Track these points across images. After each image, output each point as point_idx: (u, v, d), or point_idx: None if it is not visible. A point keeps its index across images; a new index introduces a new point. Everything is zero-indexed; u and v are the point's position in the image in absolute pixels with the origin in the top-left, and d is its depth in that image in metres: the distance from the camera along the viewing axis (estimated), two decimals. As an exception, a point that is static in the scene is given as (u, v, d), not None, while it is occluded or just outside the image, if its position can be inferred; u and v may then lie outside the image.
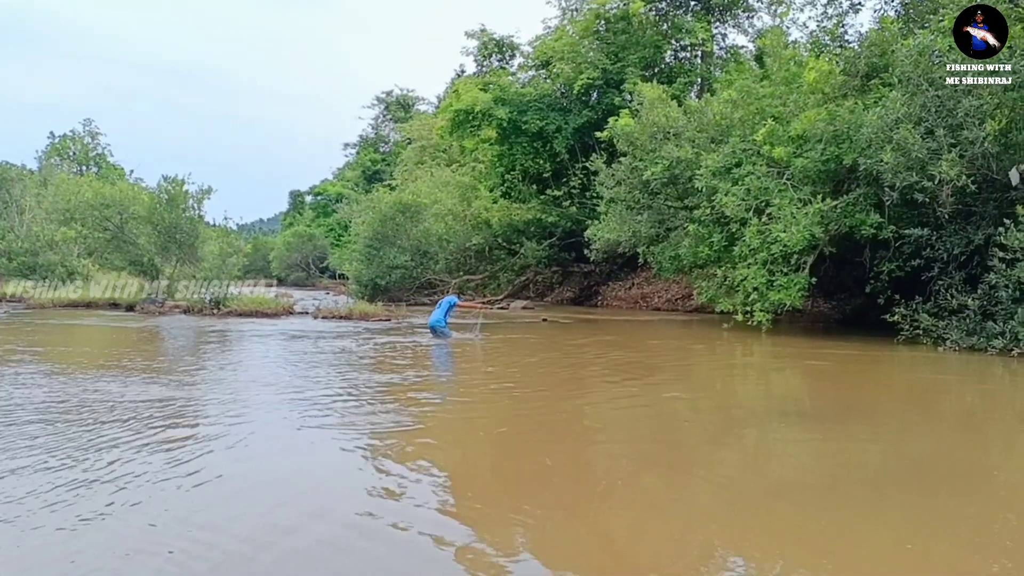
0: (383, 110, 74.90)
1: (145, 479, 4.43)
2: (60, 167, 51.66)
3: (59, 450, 5.02)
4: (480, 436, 6.36)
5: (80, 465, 4.68)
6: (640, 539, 3.79)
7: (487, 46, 35.99)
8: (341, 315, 19.56)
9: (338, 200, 64.16)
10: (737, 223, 16.50)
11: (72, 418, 6.08)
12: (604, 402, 8.28)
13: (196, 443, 5.36)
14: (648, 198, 20.70)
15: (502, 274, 33.63)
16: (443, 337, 13.90)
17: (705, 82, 31.62)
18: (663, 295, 29.35)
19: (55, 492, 4.14)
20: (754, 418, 7.44)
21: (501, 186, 34.50)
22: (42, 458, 4.81)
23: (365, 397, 7.74)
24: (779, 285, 15.44)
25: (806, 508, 4.33)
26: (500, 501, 4.41)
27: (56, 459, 4.80)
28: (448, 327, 14.14)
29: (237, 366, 10.45)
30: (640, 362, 12.05)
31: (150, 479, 4.44)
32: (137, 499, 4.09)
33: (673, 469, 5.31)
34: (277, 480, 4.68)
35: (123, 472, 4.55)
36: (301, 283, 60.02)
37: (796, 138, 16.15)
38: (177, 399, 7.08)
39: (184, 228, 22.16)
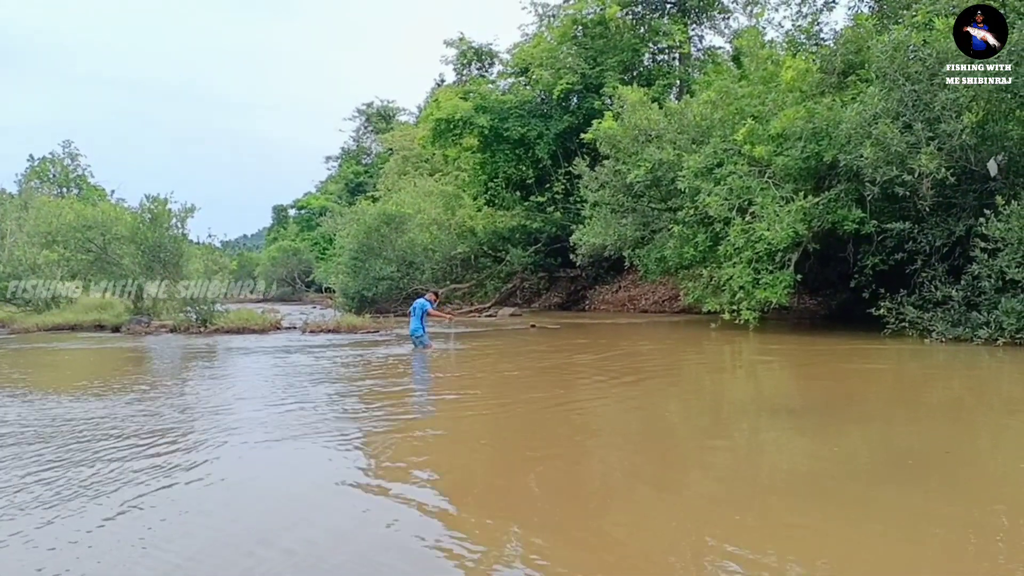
0: (364, 122, 74.73)
1: (134, 493, 4.39)
2: (40, 190, 51.29)
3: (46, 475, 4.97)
4: (471, 443, 6.35)
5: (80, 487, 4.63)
6: (635, 539, 3.79)
7: (466, 54, 36.06)
8: (329, 328, 19.46)
9: (322, 213, 63.92)
10: (721, 223, 16.58)
11: (56, 441, 6.02)
12: (595, 405, 8.29)
13: (179, 463, 5.32)
14: (632, 201, 20.77)
15: (489, 282, 33.65)
16: (421, 346, 13.76)
17: (684, 84, 31.82)
18: (650, 297, 29.47)
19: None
20: (744, 416, 7.48)
21: (485, 194, 34.54)
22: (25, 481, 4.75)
23: (354, 409, 7.71)
24: (765, 283, 15.53)
25: (798, 504, 4.35)
26: (494, 507, 4.39)
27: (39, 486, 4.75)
28: (426, 335, 14.01)
29: (225, 382, 10.37)
30: (629, 364, 12.06)
31: (139, 493, 4.39)
32: (134, 511, 4.05)
33: (666, 468, 5.33)
34: (271, 493, 4.65)
35: (110, 490, 4.50)
36: (288, 298, 59.70)
37: (776, 137, 16.27)
38: (165, 418, 7.01)
39: (168, 247, 21.96)
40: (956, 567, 3.34)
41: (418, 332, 13.77)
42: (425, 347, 13.69)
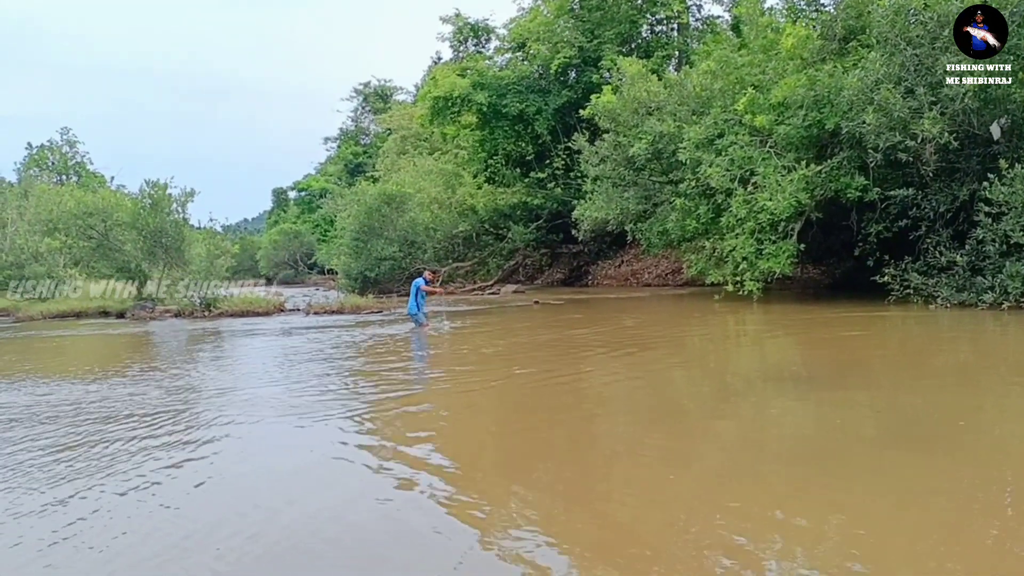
0: (361, 102, 74.28)
1: (147, 479, 4.40)
2: (40, 178, 51.08)
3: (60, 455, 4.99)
4: (478, 417, 6.35)
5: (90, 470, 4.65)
6: (642, 512, 3.78)
7: (462, 31, 35.78)
8: (333, 309, 19.49)
9: (322, 195, 63.78)
10: (723, 194, 16.50)
11: (68, 424, 6.04)
12: (600, 379, 8.28)
13: (196, 443, 5.33)
14: (633, 174, 20.68)
15: (491, 259, 33.61)
16: (416, 325, 13.77)
17: (683, 55, 31.52)
18: (653, 271, 29.44)
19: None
20: (750, 385, 7.46)
21: (485, 171, 34.39)
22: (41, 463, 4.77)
23: (359, 387, 7.72)
24: (768, 253, 15.48)
25: (805, 472, 4.33)
26: (498, 482, 4.39)
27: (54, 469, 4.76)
28: (420, 313, 13.97)
29: (231, 364, 10.38)
30: (633, 338, 12.05)
31: (151, 479, 4.41)
32: (151, 494, 4.07)
33: (672, 440, 5.31)
34: (290, 476, 4.66)
35: (126, 475, 4.52)
36: (290, 280, 59.77)
37: (777, 105, 16.14)
38: (174, 400, 7.03)
39: (169, 232, 21.95)
40: (965, 531, 3.33)
41: (412, 311, 13.79)
42: (420, 325, 13.69)
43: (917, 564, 2.97)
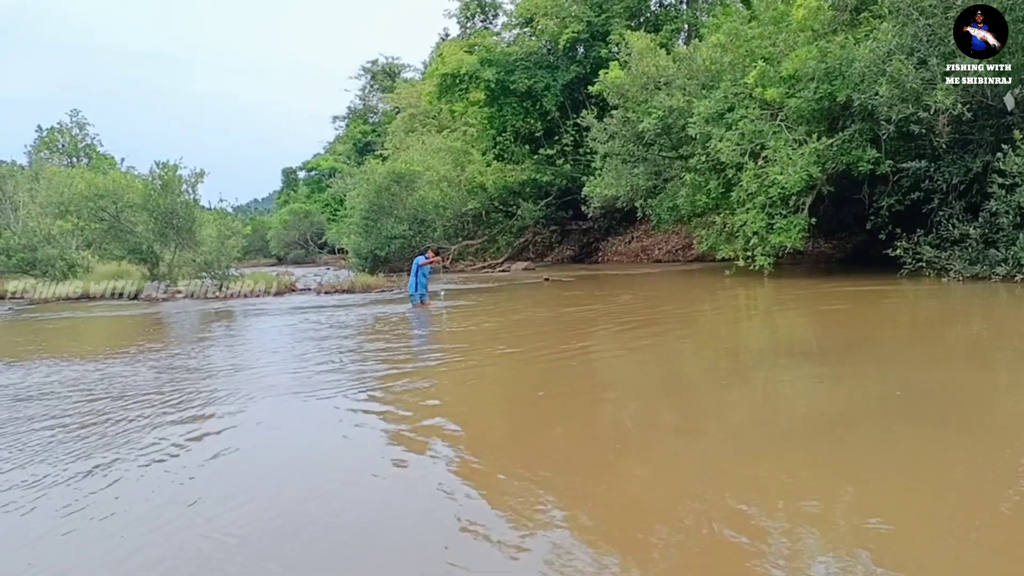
0: (369, 80, 74.00)
1: (166, 454, 4.47)
2: (50, 160, 51.19)
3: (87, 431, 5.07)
4: (489, 396, 6.39)
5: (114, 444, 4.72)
6: (653, 489, 3.80)
7: (469, 7, 35.53)
8: (343, 289, 19.56)
9: (331, 175, 63.70)
10: (733, 168, 16.40)
11: (89, 403, 6.12)
12: (610, 355, 8.30)
13: (207, 420, 5.40)
14: (643, 150, 20.57)
15: (501, 237, 33.60)
16: (412, 304, 13.91)
17: (692, 28, 31.20)
18: (663, 247, 29.36)
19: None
20: (761, 361, 7.46)
21: (493, 148, 34.27)
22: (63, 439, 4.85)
23: (369, 364, 7.76)
24: (779, 228, 15.41)
25: (816, 448, 4.34)
26: (513, 459, 4.41)
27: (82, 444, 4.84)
28: (418, 293, 13.99)
29: (244, 343, 10.46)
30: (644, 314, 12.05)
31: (170, 454, 4.47)
32: (168, 471, 4.13)
33: (683, 417, 5.33)
34: (301, 449, 4.71)
35: (146, 453, 4.58)
36: (301, 260, 59.91)
37: (788, 78, 15.97)
38: (186, 378, 7.10)
39: (180, 213, 22.01)
40: (977, 507, 3.33)
41: (411, 290, 13.93)
42: (417, 305, 13.81)
43: (931, 536, 2.99)
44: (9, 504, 3.82)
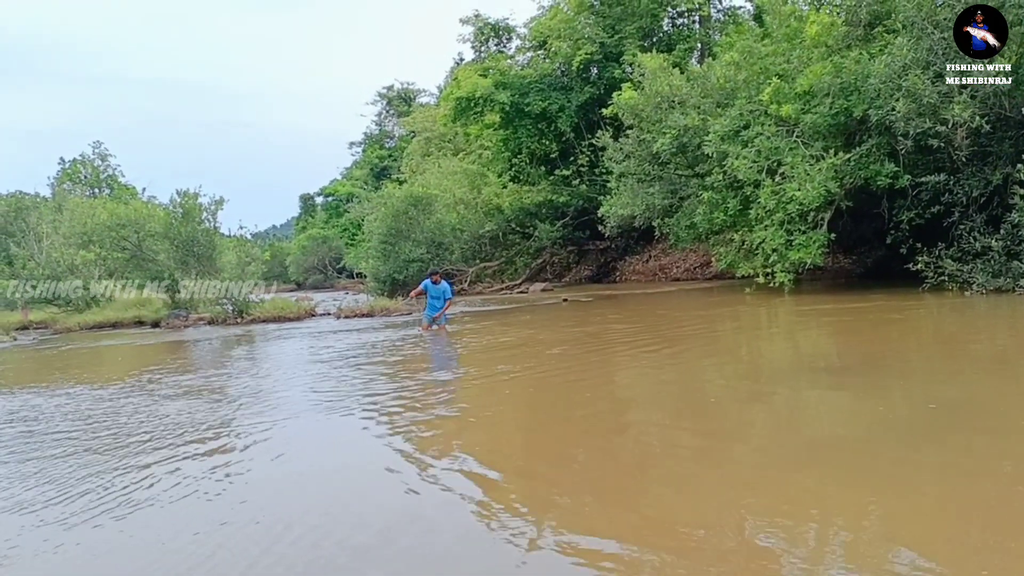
0: (385, 105, 74.79)
1: (196, 482, 4.50)
2: (73, 191, 51.99)
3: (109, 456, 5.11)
4: (508, 415, 6.36)
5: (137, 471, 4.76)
6: (676, 509, 3.76)
7: (483, 31, 35.83)
8: (363, 313, 19.61)
9: (349, 200, 64.29)
10: (750, 186, 16.38)
11: (111, 433, 6.17)
12: (630, 374, 8.27)
13: (241, 444, 5.43)
14: (658, 169, 20.61)
15: (518, 258, 33.63)
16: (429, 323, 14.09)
17: (705, 47, 31.31)
18: (681, 265, 29.28)
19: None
20: (783, 378, 7.40)
21: (509, 170, 34.44)
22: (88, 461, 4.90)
23: (395, 387, 7.77)
24: (798, 244, 15.35)
25: (842, 467, 4.26)
26: (534, 479, 4.40)
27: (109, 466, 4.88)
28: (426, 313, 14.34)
29: (267, 368, 10.51)
30: (663, 333, 12.00)
31: (202, 480, 4.50)
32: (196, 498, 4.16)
33: (705, 436, 5.26)
34: (325, 475, 4.73)
35: (172, 480, 4.61)
36: (320, 285, 60.29)
37: (803, 94, 15.99)
38: (213, 404, 7.15)
39: (201, 240, 22.24)
40: (1013, 522, 3.28)
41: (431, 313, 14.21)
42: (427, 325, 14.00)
43: (961, 556, 2.95)
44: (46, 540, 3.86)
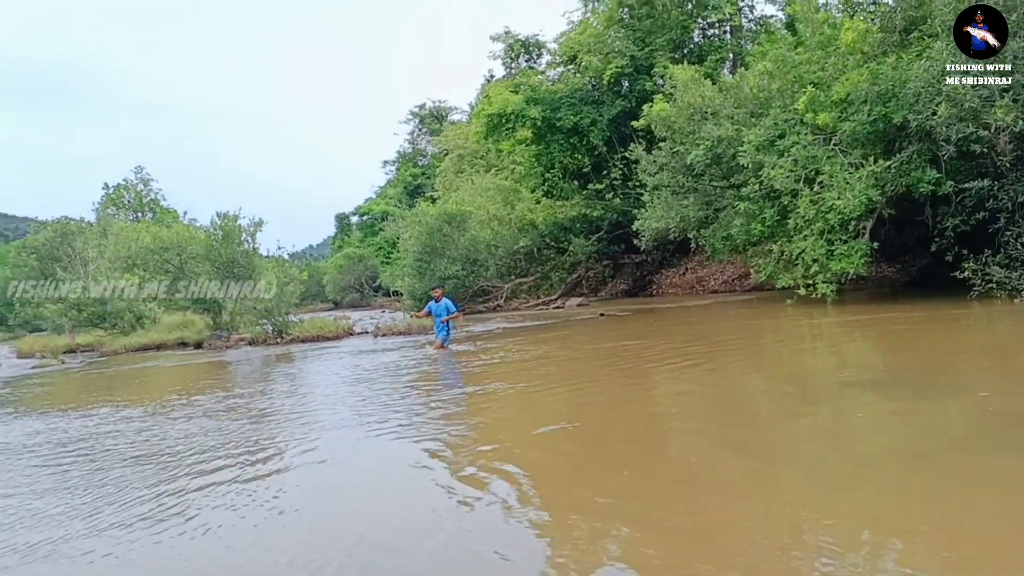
0: (418, 124, 75.65)
1: (236, 503, 4.54)
2: (117, 216, 53.32)
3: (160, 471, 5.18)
4: (550, 431, 6.26)
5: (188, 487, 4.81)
6: (725, 525, 3.69)
7: (513, 48, 36.05)
8: (400, 331, 19.71)
9: (383, 218, 64.83)
10: (788, 195, 16.19)
11: (163, 451, 6.26)
12: (672, 387, 8.17)
13: (278, 468, 5.46)
14: (693, 181, 20.48)
15: (553, 273, 33.60)
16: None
17: (737, 57, 31.13)
18: (719, 277, 28.99)
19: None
20: (830, 390, 7.25)
21: (542, 185, 34.51)
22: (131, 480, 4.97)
23: (432, 403, 7.78)
24: (840, 254, 15.10)
25: (896, 481, 4.16)
26: (577, 496, 4.34)
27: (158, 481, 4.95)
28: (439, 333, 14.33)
29: (308, 387, 10.61)
30: (704, 346, 11.85)
31: (240, 503, 4.54)
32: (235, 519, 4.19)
33: (751, 450, 5.17)
34: (363, 494, 4.74)
35: (216, 501, 4.66)
36: (356, 304, 60.86)
37: (839, 102, 15.78)
38: (255, 423, 7.22)
39: (241, 262, 22.62)
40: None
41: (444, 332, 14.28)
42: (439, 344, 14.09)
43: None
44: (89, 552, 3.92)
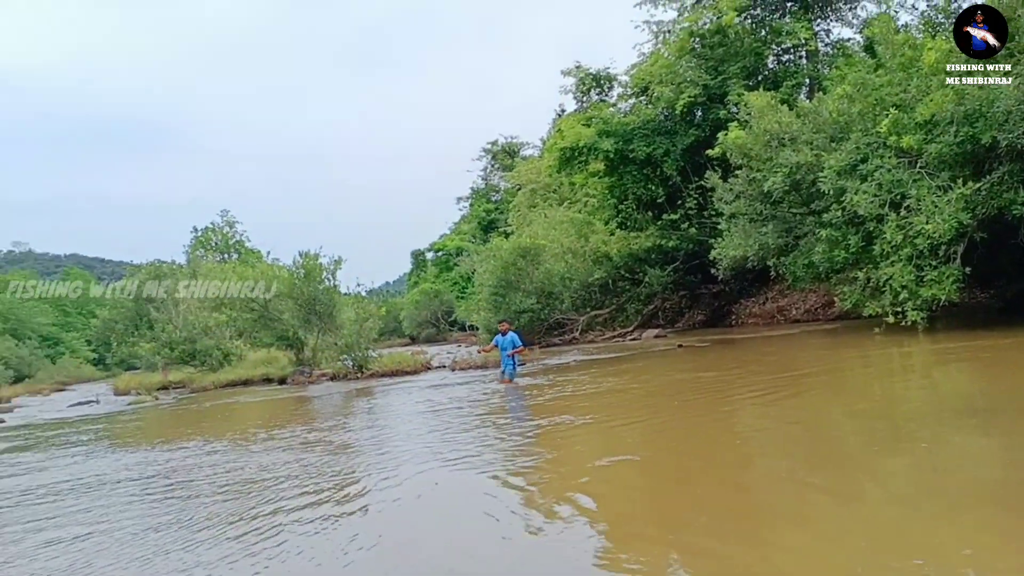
0: (490, 160, 76.70)
1: (323, 528, 4.63)
2: (205, 257, 55.76)
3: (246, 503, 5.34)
4: (629, 464, 6.19)
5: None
6: (813, 562, 3.57)
7: (584, 81, 36.25)
8: (477, 365, 19.84)
9: (458, 254, 65.67)
10: (872, 221, 15.71)
11: (250, 481, 6.46)
12: (755, 420, 7.97)
13: (360, 498, 5.56)
14: (771, 208, 20.09)
15: (629, 305, 33.29)
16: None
17: (814, 81, 30.53)
18: (801, 306, 28.18)
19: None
20: (923, 421, 6.94)
21: (616, 217, 34.39)
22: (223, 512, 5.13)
23: (510, 436, 7.79)
24: (930, 280, 14.53)
25: (996, 518, 3.94)
26: (659, 529, 4.27)
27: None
28: (504, 366, 14.50)
29: (387, 422, 10.78)
30: (787, 376, 11.51)
31: (327, 528, 4.63)
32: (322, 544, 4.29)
33: (840, 484, 4.96)
34: (441, 515, 4.77)
35: (299, 529, 4.77)
36: (432, 339, 61.57)
37: (924, 124, 15.29)
38: (338, 456, 7.37)
39: (322, 299, 23.27)
40: None
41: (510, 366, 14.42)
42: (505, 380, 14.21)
43: None
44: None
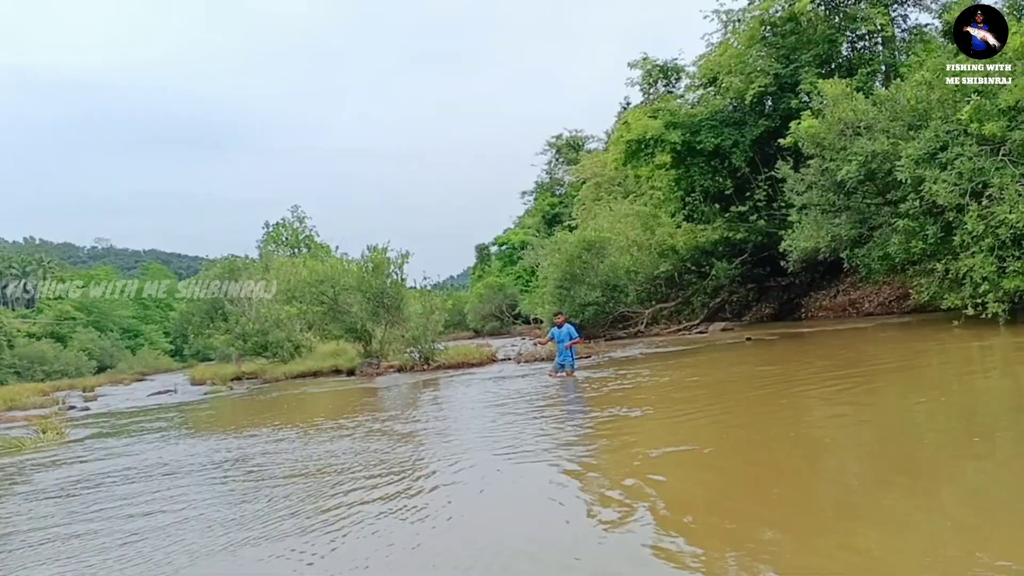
0: (555, 154, 76.56)
1: (396, 511, 4.77)
2: (277, 252, 57.35)
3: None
4: (694, 460, 6.11)
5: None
6: (888, 560, 3.49)
7: (651, 73, 35.86)
8: (541, 357, 19.89)
9: (522, 247, 65.78)
10: (952, 211, 15.17)
11: (326, 469, 6.67)
12: (825, 416, 7.79)
13: (428, 484, 5.69)
14: (844, 198, 19.56)
15: (695, 298, 32.87)
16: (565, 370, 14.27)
17: (891, 68, 29.53)
18: (874, 299, 27.36)
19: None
20: (1005, 416, 6.68)
21: (683, 210, 33.97)
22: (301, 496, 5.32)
23: (576, 427, 7.83)
24: (1013, 271, 13.97)
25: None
26: (729, 528, 4.21)
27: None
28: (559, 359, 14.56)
29: (452, 412, 10.94)
30: (859, 371, 11.19)
31: (398, 512, 4.77)
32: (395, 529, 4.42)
33: (915, 483, 4.81)
34: (510, 515, 4.85)
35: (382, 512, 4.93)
36: (496, 332, 61.94)
37: (1008, 110, 14.66)
38: (405, 445, 7.54)
39: (389, 292, 23.69)
40: None
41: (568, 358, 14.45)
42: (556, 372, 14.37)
43: None
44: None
